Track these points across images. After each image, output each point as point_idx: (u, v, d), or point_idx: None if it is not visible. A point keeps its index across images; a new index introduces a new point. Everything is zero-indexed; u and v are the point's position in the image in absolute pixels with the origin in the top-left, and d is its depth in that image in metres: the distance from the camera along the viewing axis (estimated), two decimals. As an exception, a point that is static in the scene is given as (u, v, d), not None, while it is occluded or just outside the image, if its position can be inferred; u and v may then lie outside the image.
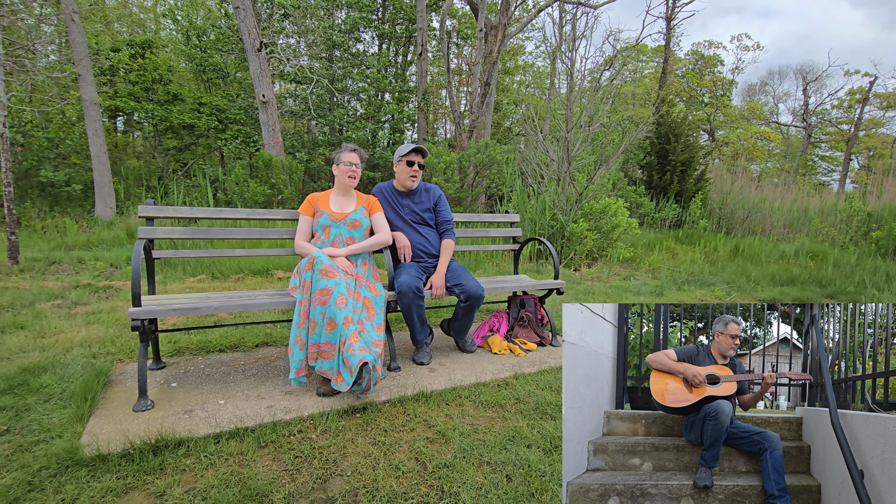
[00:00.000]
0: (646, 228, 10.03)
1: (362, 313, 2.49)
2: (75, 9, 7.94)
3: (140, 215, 2.51)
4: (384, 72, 12.97)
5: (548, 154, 6.79)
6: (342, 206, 2.78)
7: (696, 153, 11.85)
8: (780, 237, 10.61)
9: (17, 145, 8.34)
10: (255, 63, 8.48)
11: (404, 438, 2.05)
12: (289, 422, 2.10)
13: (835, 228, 9.81)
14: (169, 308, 2.17)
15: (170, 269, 4.76)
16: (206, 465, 1.79)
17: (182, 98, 11.07)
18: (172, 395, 2.33)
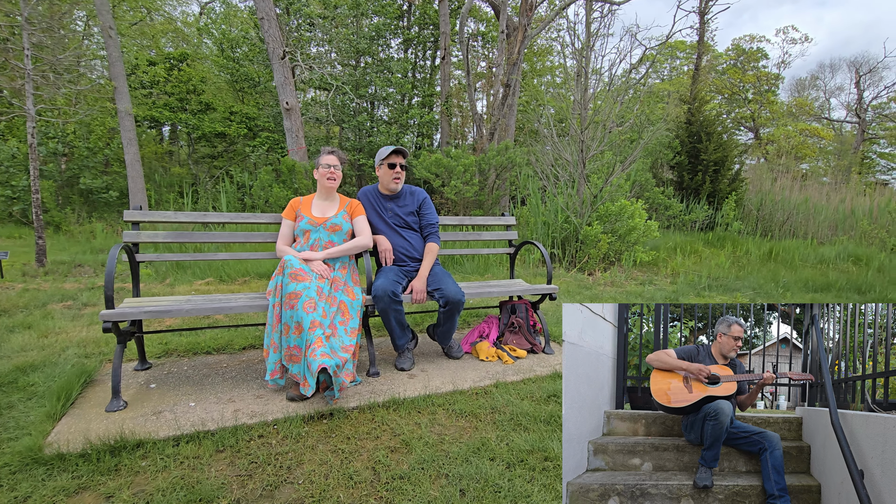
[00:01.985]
0: (673, 231, 9.64)
1: (336, 317, 2.47)
2: (112, 24, 8.36)
3: (125, 220, 2.58)
4: (408, 76, 13.06)
5: (562, 155, 6.62)
6: (323, 211, 2.77)
7: (731, 152, 11.31)
8: (824, 240, 9.95)
9: (60, 155, 8.88)
10: (278, 71, 8.69)
11: (366, 447, 2.00)
12: (251, 426, 2.09)
13: (885, 230, 9.11)
14: (140, 311, 2.21)
15: (181, 272, 4.92)
16: (160, 468, 1.79)
17: (214, 107, 11.51)
18: (148, 397, 2.36)
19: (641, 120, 12.84)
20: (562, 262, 6.37)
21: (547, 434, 2.09)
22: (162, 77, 10.75)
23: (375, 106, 12.38)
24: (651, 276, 6.05)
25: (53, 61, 5.20)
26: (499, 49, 10.52)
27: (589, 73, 6.24)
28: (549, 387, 2.61)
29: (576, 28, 7.43)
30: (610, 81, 6.55)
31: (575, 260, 6.28)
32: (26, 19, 4.54)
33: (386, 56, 12.49)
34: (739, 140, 22.17)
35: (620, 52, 6.02)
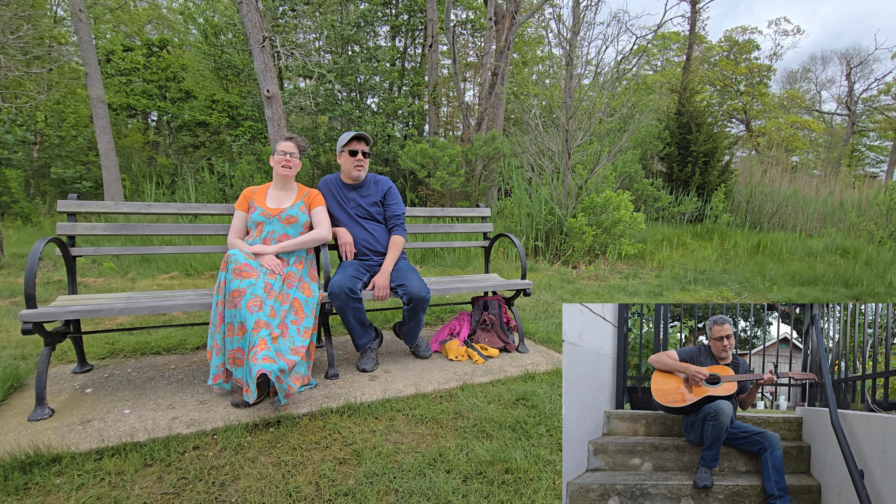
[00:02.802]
0: (661, 223, 9.51)
1: (289, 316, 2.29)
2: (82, 7, 8.01)
3: (60, 210, 2.37)
4: (395, 65, 12.76)
5: (547, 145, 6.42)
6: (279, 201, 2.57)
7: (721, 143, 11.16)
8: (812, 233, 9.88)
9: (30, 143, 8.55)
10: (259, 58, 8.40)
11: (313, 458, 1.84)
12: (187, 436, 1.91)
13: (873, 223, 9.04)
14: (66, 310, 2.01)
15: (146, 265, 4.70)
16: (76, 486, 1.61)
17: (195, 95, 11.17)
18: (80, 403, 2.17)
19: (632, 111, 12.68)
20: (545, 254, 6.20)
21: (511, 442, 1.95)
22: (140, 63, 10.39)
23: (364, 95, 12.10)
24: (636, 270, 5.91)
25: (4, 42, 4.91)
26: (487, 37, 10.28)
27: (574, 61, 6.03)
28: (519, 389, 2.46)
29: (561, 15, 7.21)
30: (597, 69, 6.36)
31: (559, 253, 6.11)
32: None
33: (374, 45, 12.19)
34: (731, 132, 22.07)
35: (607, 38, 5.78)
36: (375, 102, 12.47)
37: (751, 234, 8.50)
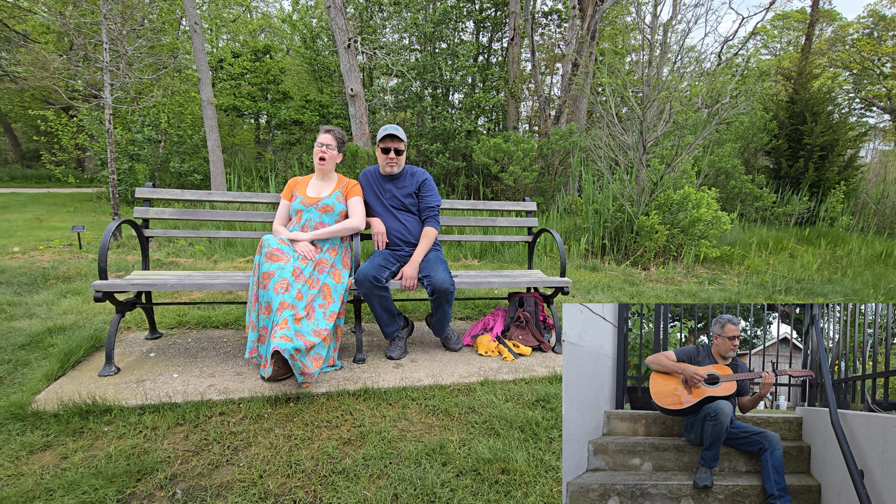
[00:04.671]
0: (761, 225, 8.49)
1: (317, 300, 2.42)
2: (197, 20, 9.02)
3: (137, 196, 2.72)
4: (475, 60, 12.76)
5: (621, 139, 6.00)
6: (318, 191, 2.73)
7: (843, 135, 9.66)
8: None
9: (155, 141, 9.84)
10: (344, 59, 8.89)
11: (321, 435, 1.94)
12: (216, 403, 2.09)
13: None
14: (129, 283, 2.31)
15: (230, 248, 5.23)
16: (119, 435, 1.85)
17: (291, 96, 12.09)
18: (141, 365, 2.46)
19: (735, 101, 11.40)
20: (612, 253, 5.84)
21: (517, 443, 1.91)
22: (247, 68, 11.50)
23: (450, 91, 12.27)
24: (718, 274, 5.35)
25: (126, 53, 5.72)
26: (570, 26, 9.90)
27: (654, 44, 5.58)
28: (542, 390, 2.37)
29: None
30: (678, 53, 5.83)
31: (629, 252, 5.72)
32: (104, 15, 5.03)
33: (460, 40, 12.31)
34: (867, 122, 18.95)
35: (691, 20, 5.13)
36: (459, 99, 12.59)
37: (875, 241, 7.28)
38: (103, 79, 5.19)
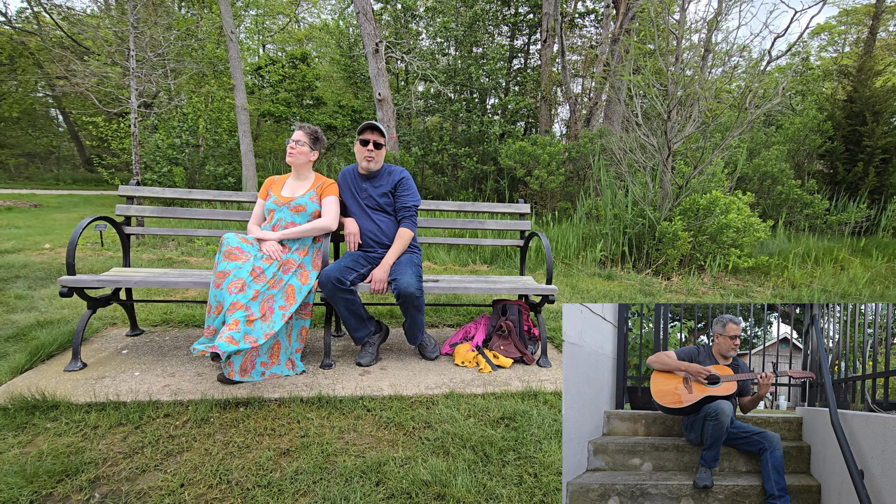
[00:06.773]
0: (810, 235, 7.79)
1: (277, 301, 2.34)
2: (233, 29, 9.35)
3: (120, 194, 2.75)
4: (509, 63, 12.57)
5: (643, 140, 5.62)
6: (292, 190, 2.66)
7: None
8: None
9: (194, 146, 10.26)
10: (372, 64, 8.96)
11: (261, 444, 1.85)
12: (163, 404, 2.05)
13: None
14: (95, 279, 2.30)
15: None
16: (60, 432, 1.82)
17: (325, 102, 12.33)
18: (109, 361, 2.43)
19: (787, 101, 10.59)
20: (632, 261, 5.48)
21: (464, 465, 1.75)
22: (283, 74, 11.83)
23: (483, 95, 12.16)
24: (748, 287, 4.88)
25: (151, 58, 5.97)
26: (604, 25, 9.55)
27: (681, 39, 5.21)
28: (511, 406, 2.19)
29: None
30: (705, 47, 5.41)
31: (650, 260, 5.35)
32: (132, 24, 5.26)
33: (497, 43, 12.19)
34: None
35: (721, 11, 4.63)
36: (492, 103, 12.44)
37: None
38: (129, 85, 5.43)
